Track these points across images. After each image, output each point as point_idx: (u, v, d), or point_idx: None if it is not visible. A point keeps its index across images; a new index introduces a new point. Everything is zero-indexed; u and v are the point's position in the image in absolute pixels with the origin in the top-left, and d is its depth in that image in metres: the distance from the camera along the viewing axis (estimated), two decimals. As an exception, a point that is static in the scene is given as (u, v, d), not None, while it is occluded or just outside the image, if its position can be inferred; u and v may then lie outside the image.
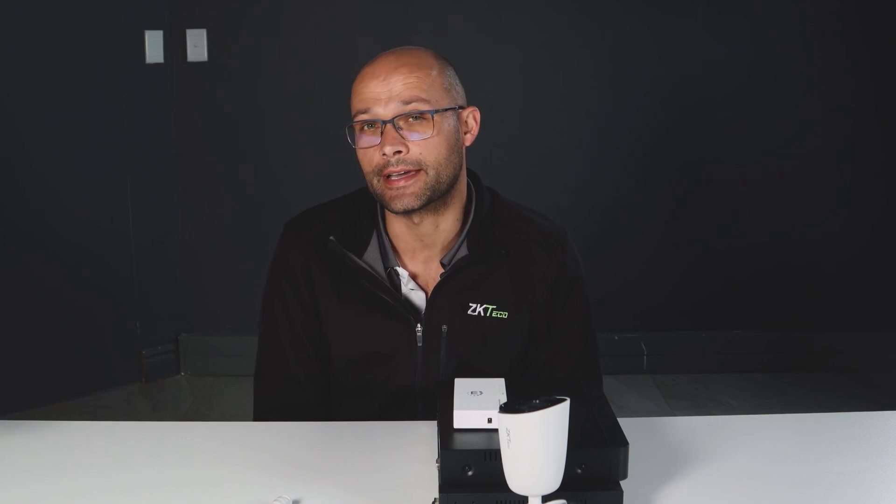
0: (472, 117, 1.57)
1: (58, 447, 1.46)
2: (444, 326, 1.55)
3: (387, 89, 1.47)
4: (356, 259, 1.55)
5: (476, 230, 1.57)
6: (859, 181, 3.78)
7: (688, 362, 3.82)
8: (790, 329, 3.83)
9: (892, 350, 3.78)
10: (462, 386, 1.31)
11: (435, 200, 1.51)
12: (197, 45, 3.68)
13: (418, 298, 1.58)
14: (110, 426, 1.57)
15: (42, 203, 3.46)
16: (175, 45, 3.67)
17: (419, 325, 1.56)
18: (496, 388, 1.31)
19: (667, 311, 3.86)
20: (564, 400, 1.06)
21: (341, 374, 1.62)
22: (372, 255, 1.56)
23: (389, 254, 1.57)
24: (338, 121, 2.14)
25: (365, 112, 1.48)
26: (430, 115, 1.47)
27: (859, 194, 3.78)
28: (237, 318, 3.84)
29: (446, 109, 1.50)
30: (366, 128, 1.50)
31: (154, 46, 3.64)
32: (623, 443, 1.19)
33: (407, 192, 1.48)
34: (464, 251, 1.57)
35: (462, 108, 1.55)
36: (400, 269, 1.57)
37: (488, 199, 1.62)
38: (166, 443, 1.46)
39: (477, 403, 1.25)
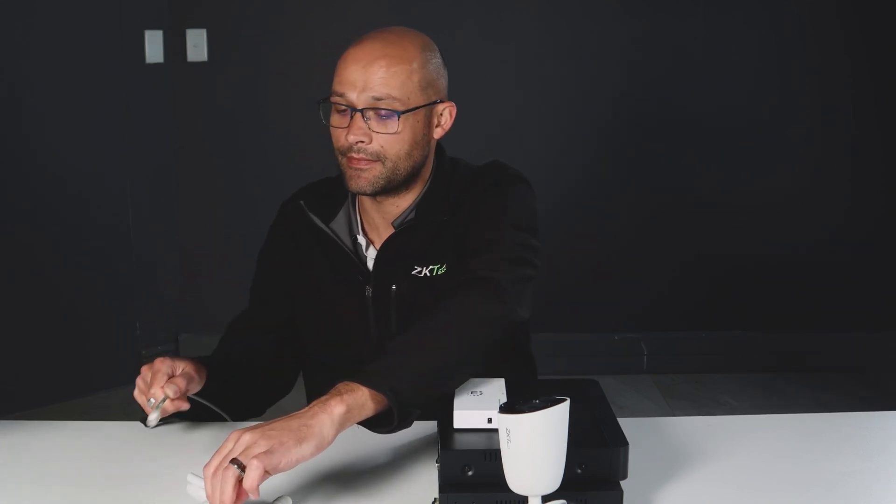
0: (448, 112, 1.59)
1: (58, 447, 1.46)
2: (393, 286, 1.58)
3: (363, 78, 1.50)
4: (319, 223, 1.62)
5: (427, 198, 1.61)
6: (859, 181, 3.77)
7: (688, 362, 3.82)
8: (790, 329, 3.83)
9: (892, 350, 3.78)
10: (462, 386, 1.31)
11: (391, 188, 1.56)
12: (197, 45, 3.68)
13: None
14: (110, 426, 1.56)
15: (42, 203, 3.46)
16: (175, 45, 3.67)
17: (369, 286, 1.60)
18: (496, 388, 1.31)
19: (667, 311, 3.86)
20: (564, 400, 1.06)
21: (308, 339, 1.69)
22: (339, 224, 1.63)
23: (353, 224, 1.64)
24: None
25: (340, 95, 1.52)
26: (397, 116, 1.50)
27: (859, 194, 3.78)
28: (237, 318, 3.84)
29: (417, 108, 1.53)
30: (339, 108, 1.54)
31: (154, 46, 3.64)
32: (623, 443, 1.19)
33: (362, 176, 1.53)
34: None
35: (439, 101, 1.57)
36: (359, 237, 1.63)
37: (448, 168, 1.65)
38: (166, 443, 1.46)
39: (477, 403, 1.25)
